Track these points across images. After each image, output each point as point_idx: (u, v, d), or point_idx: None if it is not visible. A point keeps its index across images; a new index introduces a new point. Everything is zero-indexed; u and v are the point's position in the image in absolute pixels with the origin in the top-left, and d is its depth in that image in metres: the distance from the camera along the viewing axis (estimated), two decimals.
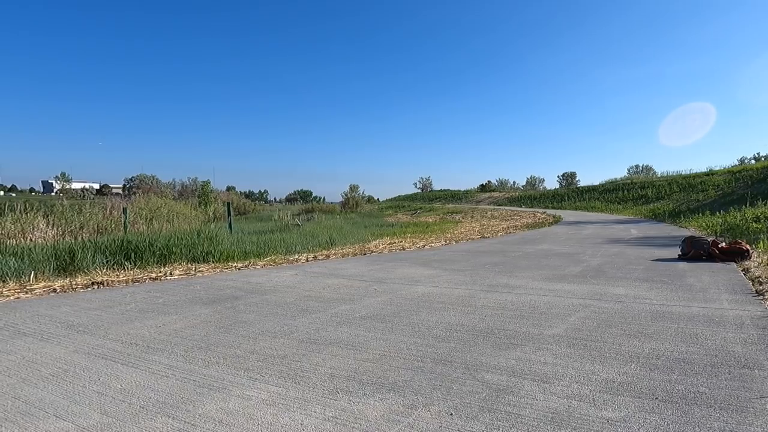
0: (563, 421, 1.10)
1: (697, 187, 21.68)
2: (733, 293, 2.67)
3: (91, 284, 3.35)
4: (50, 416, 1.19)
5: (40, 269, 3.71)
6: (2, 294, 2.96)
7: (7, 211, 6.88)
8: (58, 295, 3.02)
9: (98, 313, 2.40)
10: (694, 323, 2.00)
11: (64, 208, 7.46)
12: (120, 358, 1.64)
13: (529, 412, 1.15)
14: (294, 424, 1.12)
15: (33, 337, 1.92)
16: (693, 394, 1.25)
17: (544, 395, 1.25)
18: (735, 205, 11.12)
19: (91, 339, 1.89)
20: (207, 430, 1.10)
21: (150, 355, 1.68)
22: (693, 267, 3.77)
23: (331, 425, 1.11)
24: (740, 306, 2.32)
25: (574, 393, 1.27)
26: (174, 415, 1.19)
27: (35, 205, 7.41)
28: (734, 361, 1.50)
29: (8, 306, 2.63)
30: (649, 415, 1.13)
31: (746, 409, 1.15)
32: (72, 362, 1.60)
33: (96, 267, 4.01)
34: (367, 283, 3.28)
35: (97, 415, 1.20)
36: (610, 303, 2.46)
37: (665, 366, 1.47)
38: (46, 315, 2.35)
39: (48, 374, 1.50)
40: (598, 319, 2.12)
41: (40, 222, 6.64)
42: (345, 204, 25.83)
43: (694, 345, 1.69)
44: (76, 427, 1.12)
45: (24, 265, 3.70)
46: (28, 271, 3.57)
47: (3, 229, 6.08)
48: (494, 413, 1.15)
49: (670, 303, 2.44)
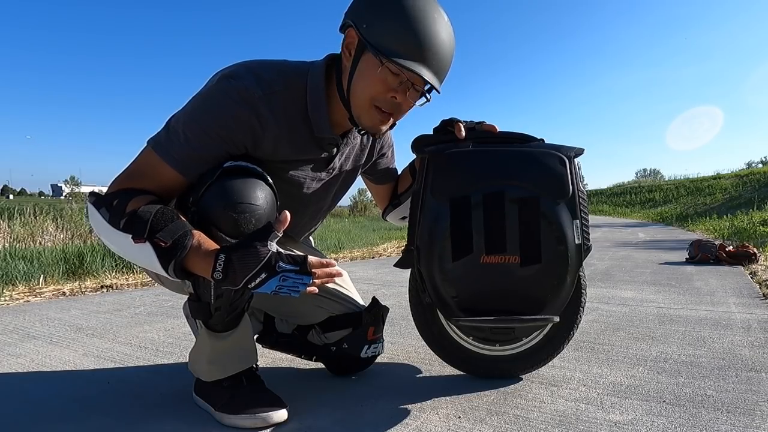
0: (571, 424, 1.10)
1: (705, 191, 21.57)
2: (741, 296, 2.66)
3: (101, 287, 3.38)
4: (57, 420, 1.20)
5: (49, 273, 3.74)
6: (12, 297, 2.99)
7: (16, 214, 6.95)
8: (68, 298, 3.05)
9: (107, 316, 2.42)
10: (701, 326, 1.99)
11: (74, 211, 7.52)
12: (129, 362, 1.65)
13: (537, 415, 1.16)
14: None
15: (42, 340, 1.94)
16: (701, 397, 1.25)
17: (552, 398, 1.26)
18: (742, 209, 11.05)
19: (100, 342, 1.91)
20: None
21: (159, 358, 1.69)
22: (700, 270, 3.75)
23: (339, 428, 1.12)
24: (747, 309, 2.31)
25: (582, 396, 1.27)
26: (185, 417, 1.20)
27: (44, 209, 7.48)
28: (741, 364, 1.50)
29: (18, 309, 2.66)
30: (656, 418, 1.13)
31: (753, 412, 1.15)
32: (81, 365, 1.62)
33: (105, 270, 4.04)
34: (376, 287, 3.29)
35: (103, 418, 1.21)
36: (617, 306, 2.46)
37: (673, 369, 1.47)
38: (56, 318, 2.38)
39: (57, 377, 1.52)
40: (605, 322, 2.12)
41: (50, 226, 6.70)
42: (353, 207, 25.90)
43: (701, 348, 1.69)
44: (86, 429, 1.13)
45: (33, 268, 3.73)
46: (37, 275, 3.60)
47: (13, 233, 6.14)
48: (502, 416, 1.15)
49: (678, 306, 2.43)
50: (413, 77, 1.06)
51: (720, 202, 17.13)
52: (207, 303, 1.09)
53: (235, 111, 1.05)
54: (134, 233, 0.96)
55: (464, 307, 1.21)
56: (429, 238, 1.21)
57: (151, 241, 0.95)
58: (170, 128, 1.07)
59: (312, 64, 1.18)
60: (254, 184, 1.04)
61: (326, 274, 1.01)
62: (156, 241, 0.95)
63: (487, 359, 1.38)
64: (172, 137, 1.05)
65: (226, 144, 1.07)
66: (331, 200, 1.40)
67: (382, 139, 1.41)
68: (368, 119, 1.12)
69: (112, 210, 0.99)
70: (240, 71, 1.08)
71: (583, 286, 1.35)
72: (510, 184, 1.20)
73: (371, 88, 1.08)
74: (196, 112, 1.07)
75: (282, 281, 0.95)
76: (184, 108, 1.08)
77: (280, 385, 1.27)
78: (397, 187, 1.54)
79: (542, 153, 1.22)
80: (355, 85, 1.10)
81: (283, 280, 0.95)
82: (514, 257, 1.19)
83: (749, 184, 19.00)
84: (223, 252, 0.95)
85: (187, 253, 0.96)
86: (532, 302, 1.21)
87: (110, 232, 1.00)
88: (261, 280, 0.95)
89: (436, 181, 1.22)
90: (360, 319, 1.42)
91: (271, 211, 1.04)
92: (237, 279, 0.94)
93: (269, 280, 0.95)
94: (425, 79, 1.05)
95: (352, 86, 1.11)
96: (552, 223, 1.19)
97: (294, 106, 1.13)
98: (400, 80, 1.07)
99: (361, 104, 1.11)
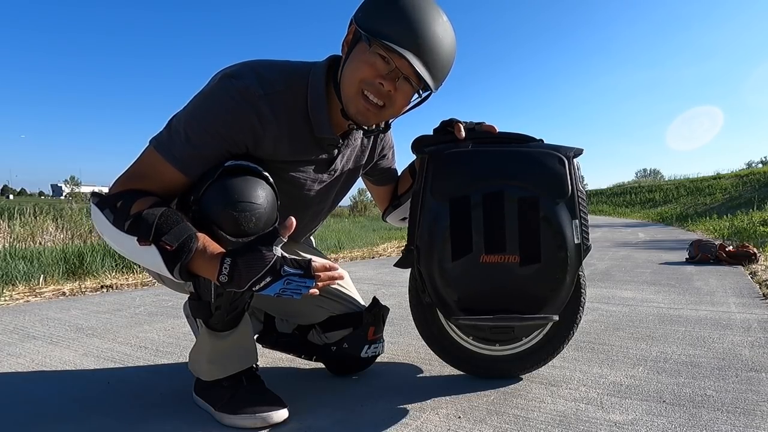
0: (571, 424, 1.10)
1: (705, 191, 21.56)
2: (741, 296, 2.66)
3: (101, 287, 3.38)
4: (57, 420, 1.20)
5: (49, 273, 3.74)
6: (12, 297, 2.99)
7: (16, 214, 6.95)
8: (68, 298, 3.05)
9: (107, 316, 2.42)
10: (701, 326, 1.99)
11: (74, 211, 7.52)
12: (129, 362, 1.65)
13: (537, 415, 1.16)
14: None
15: (42, 341, 1.94)
16: (701, 397, 1.25)
17: (552, 398, 1.26)
18: (742, 209, 11.05)
19: (100, 342, 1.91)
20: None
21: (159, 358, 1.69)
22: (700, 270, 3.75)
23: (339, 428, 1.12)
24: (747, 309, 2.31)
25: (582, 396, 1.27)
26: (185, 417, 1.20)
27: (44, 209, 7.48)
28: (741, 365, 1.50)
29: (18, 309, 2.66)
30: (656, 418, 1.13)
31: (753, 412, 1.15)
32: (81, 365, 1.62)
33: (105, 270, 4.04)
34: (376, 287, 3.29)
35: (103, 418, 1.21)
36: (617, 306, 2.46)
37: (673, 369, 1.47)
38: (56, 318, 2.38)
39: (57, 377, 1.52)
40: (605, 322, 2.12)
41: (50, 226, 6.69)
42: (353, 208, 25.91)
43: (701, 348, 1.69)
44: (86, 429, 1.13)
45: (33, 268, 3.73)
46: (37, 275, 3.60)
47: (13, 233, 6.14)
48: (502, 416, 1.15)
49: (678, 306, 2.43)
50: (402, 64, 1.05)
51: (720, 202, 17.13)
52: (207, 302, 1.09)
53: (236, 110, 1.05)
54: (139, 235, 0.96)
55: (464, 307, 1.21)
56: (429, 238, 1.21)
57: (157, 244, 0.96)
58: (172, 127, 1.07)
59: (314, 65, 1.18)
60: (255, 183, 1.04)
61: (329, 277, 1.02)
62: (161, 244, 0.96)
63: (487, 359, 1.38)
64: (173, 136, 1.06)
65: (226, 143, 1.07)
66: (332, 201, 1.40)
67: (382, 141, 1.41)
68: (354, 106, 1.11)
69: (117, 211, 0.99)
70: (242, 70, 1.09)
71: (583, 286, 1.35)
72: (509, 184, 1.20)
73: (359, 70, 1.07)
74: (197, 111, 1.07)
75: (286, 284, 0.96)
76: (186, 107, 1.09)
77: (280, 385, 1.27)
78: (397, 188, 1.54)
79: (542, 153, 1.22)
80: (345, 71, 1.11)
81: (287, 283, 0.96)
82: (513, 257, 1.19)
83: (749, 184, 19.00)
84: (229, 256, 0.95)
85: (192, 256, 0.96)
86: (532, 301, 1.21)
87: (114, 233, 1.00)
88: (266, 283, 0.95)
89: (436, 181, 1.22)
90: (360, 319, 1.42)
91: (271, 211, 1.05)
92: (242, 282, 0.95)
93: (273, 283, 0.96)
94: (414, 67, 1.03)
95: (342, 73, 1.11)
96: (551, 223, 1.19)
97: (295, 106, 1.14)
98: (389, 68, 1.07)
99: (348, 90, 1.10)
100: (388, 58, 1.05)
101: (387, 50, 1.04)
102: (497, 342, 1.37)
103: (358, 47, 1.08)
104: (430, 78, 1.08)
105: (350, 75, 1.09)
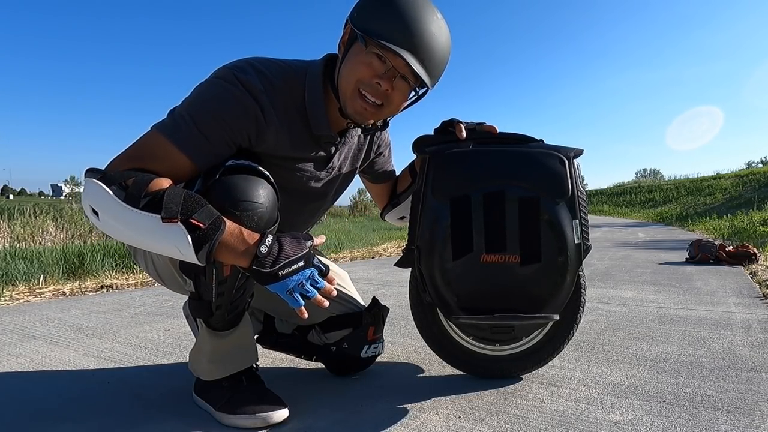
0: (571, 424, 1.10)
1: (705, 191, 21.55)
2: (741, 296, 2.66)
3: (101, 287, 3.38)
4: (57, 420, 1.20)
5: (49, 273, 3.74)
6: (12, 297, 3.00)
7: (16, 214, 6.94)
8: (68, 298, 3.05)
9: (107, 316, 2.42)
10: (701, 326, 1.99)
11: (74, 211, 7.52)
12: (129, 362, 1.65)
13: (537, 415, 1.16)
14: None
15: (42, 341, 1.94)
16: (701, 397, 1.25)
17: (552, 398, 1.26)
18: (742, 209, 11.05)
19: (100, 342, 1.91)
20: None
21: (159, 358, 1.69)
22: (700, 270, 3.75)
23: (339, 428, 1.12)
24: (747, 309, 2.31)
25: (582, 396, 1.27)
26: (185, 417, 1.20)
27: (44, 209, 7.48)
28: (741, 365, 1.50)
29: (18, 309, 2.66)
30: (656, 418, 1.13)
31: (753, 412, 1.15)
32: (81, 365, 1.62)
33: (105, 270, 4.04)
34: (376, 287, 3.29)
35: (103, 418, 1.21)
36: (617, 306, 2.46)
37: (673, 369, 1.47)
38: (56, 318, 2.38)
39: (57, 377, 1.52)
40: (605, 322, 2.12)
41: (50, 226, 6.69)
42: (353, 207, 25.90)
43: (701, 348, 1.69)
44: (86, 429, 1.13)
45: (33, 268, 3.73)
46: (37, 275, 3.60)
47: (13, 233, 6.14)
48: (502, 416, 1.15)
49: (678, 306, 2.43)
50: (399, 63, 1.06)
51: (720, 202, 17.12)
52: (208, 301, 1.09)
53: (241, 99, 1.06)
54: (166, 213, 0.91)
55: (464, 306, 1.21)
56: (429, 238, 1.21)
57: (186, 222, 0.92)
58: (175, 114, 1.06)
59: (310, 64, 1.18)
60: (256, 182, 1.04)
61: (331, 289, 1.03)
62: (192, 222, 0.92)
63: (488, 359, 1.38)
64: (177, 120, 1.04)
65: (230, 131, 1.06)
66: (329, 199, 1.40)
67: (379, 139, 1.42)
68: (352, 106, 1.12)
69: (130, 188, 0.93)
70: (242, 65, 1.09)
71: (583, 286, 1.35)
72: (510, 184, 1.20)
73: (356, 71, 1.08)
74: (202, 96, 1.06)
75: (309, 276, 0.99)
76: (188, 97, 1.08)
77: (280, 385, 1.27)
78: (396, 186, 1.54)
79: (542, 153, 1.22)
80: (342, 71, 1.12)
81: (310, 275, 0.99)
82: (513, 256, 1.19)
83: (749, 184, 18.98)
84: (271, 234, 0.99)
85: (223, 237, 0.94)
86: (532, 301, 1.21)
87: (123, 210, 0.91)
88: (297, 267, 0.98)
89: (436, 181, 1.22)
90: (360, 319, 1.42)
91: (272, 210, 1.05)
92: (280, 258, 0.96)
93: (302, 270, 0.98)
94: (410, 64, 1.04)
95: (340, 73, 1.12)
96: (552, 223, 1.19)
97: (293, 103, 1.14)
98: (386, 67, 1.07)
99: (346, 90, 1.11)
100: (384, 58, 1.06)
101: (383, 49, 1.05)
102: (497, 342, 1.37)
103: (354, 47, 1.09)
104: (426, 75, 1.09)
105: (347, 75, 1.10)
